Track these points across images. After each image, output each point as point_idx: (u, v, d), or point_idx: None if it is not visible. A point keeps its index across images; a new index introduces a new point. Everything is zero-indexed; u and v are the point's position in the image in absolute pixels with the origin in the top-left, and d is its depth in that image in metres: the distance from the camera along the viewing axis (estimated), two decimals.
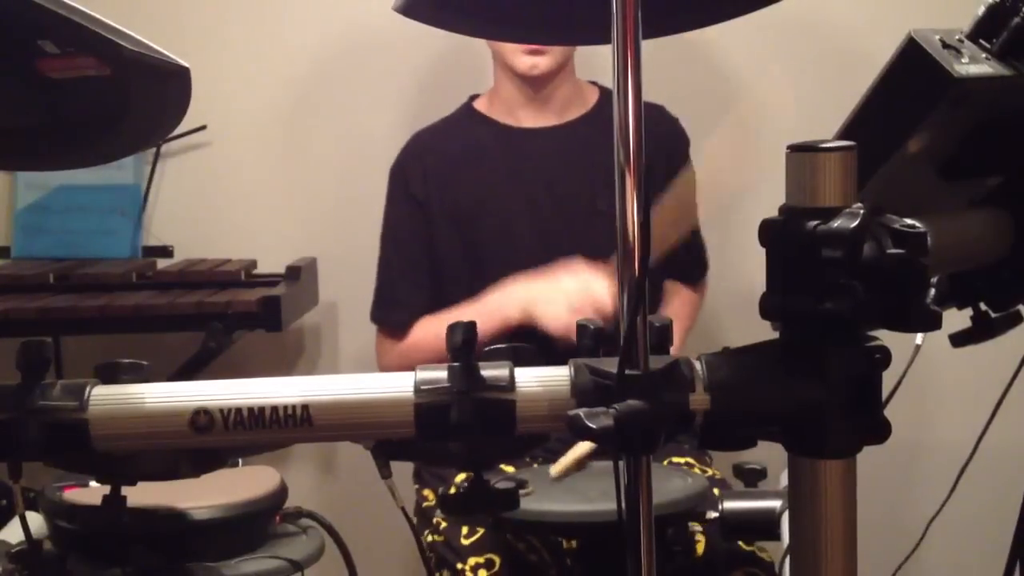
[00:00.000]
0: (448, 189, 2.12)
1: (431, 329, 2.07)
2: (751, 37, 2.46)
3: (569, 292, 1.85)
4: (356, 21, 2.53)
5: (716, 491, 1.69)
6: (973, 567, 2.58)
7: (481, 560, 1.69)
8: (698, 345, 2.13)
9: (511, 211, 2.11)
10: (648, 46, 0.94)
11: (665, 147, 2.11)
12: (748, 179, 1.61)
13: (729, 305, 2.48)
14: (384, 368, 2.18)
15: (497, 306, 1.95)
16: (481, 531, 1.73)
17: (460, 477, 1.91)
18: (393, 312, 2.15)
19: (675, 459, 1.89)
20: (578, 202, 2.08)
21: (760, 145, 2.49)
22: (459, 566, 1.71)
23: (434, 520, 1.85)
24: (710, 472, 1.90)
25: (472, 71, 2.35)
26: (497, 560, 1.68)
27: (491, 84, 2.22)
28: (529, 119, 2.16)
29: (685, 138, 2.21)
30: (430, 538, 1.83)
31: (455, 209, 2.12)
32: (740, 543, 1.69)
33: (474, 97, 2.25)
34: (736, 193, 1.64)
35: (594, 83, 2.21)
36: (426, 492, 2.03)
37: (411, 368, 0.95)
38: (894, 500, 2.46)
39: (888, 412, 0.93)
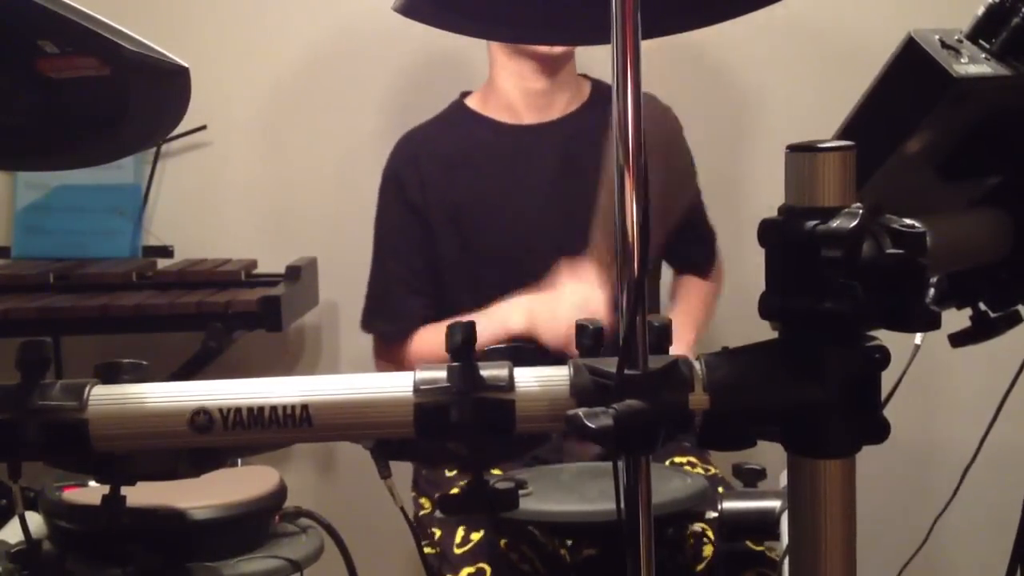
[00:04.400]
0: (447, 193, 2.09)
1: (432, 339, 2.03)
2: (752, 37, 2.46)
3: (570, 307, 1.81)
4: (356, 20, 2.53)
5: (721, 489, 1.69)
6: (978, 567, 2.58)
7: (472, 570, 1.68)
8: (697, 345, 2.14)
9: (513, 210, 2.07)
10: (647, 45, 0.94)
11: (660, 135, 2.10)
12: None
13: (729, 305, 2.48)
14: None
15: (501, 317, 1.91)
16: (474, 540, 1.72)
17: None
18: (390, 323, 2.10)
19: (677, 459, 1.88)
20: (581, 197, 2.06)
21: (759, 145, 2.53)
22: None
23: (429, 529, 1.84)
24: (712, 471, 1.89)
25: (473, 68, 2.35)
26: (488, 569, 1.66)
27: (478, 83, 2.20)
28: (529, 115, 2.12)
29: (678, 124, 2.18)
30: (425, 549, 1.82)
31: (455, 213, 2.08)
32: (749, 543, 1.68)
33: (465, 94, 2.21)
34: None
35: (584, 75, 2.18)
36: (422, 500, 2.01)
37: None
38: (897, 500, 2.46)
39: (888, 412, 0.93)
